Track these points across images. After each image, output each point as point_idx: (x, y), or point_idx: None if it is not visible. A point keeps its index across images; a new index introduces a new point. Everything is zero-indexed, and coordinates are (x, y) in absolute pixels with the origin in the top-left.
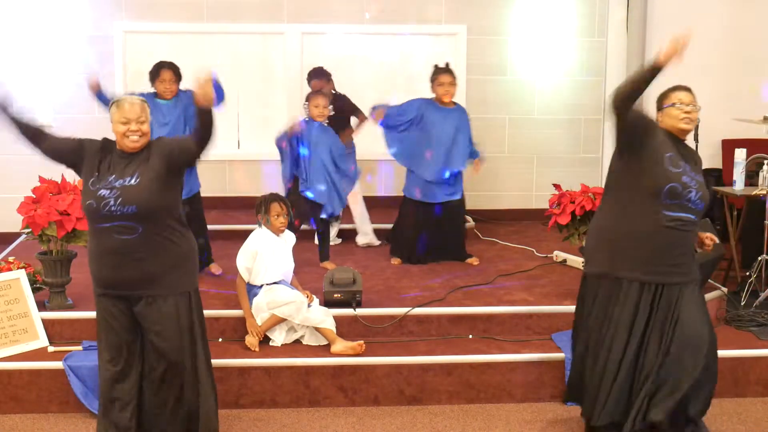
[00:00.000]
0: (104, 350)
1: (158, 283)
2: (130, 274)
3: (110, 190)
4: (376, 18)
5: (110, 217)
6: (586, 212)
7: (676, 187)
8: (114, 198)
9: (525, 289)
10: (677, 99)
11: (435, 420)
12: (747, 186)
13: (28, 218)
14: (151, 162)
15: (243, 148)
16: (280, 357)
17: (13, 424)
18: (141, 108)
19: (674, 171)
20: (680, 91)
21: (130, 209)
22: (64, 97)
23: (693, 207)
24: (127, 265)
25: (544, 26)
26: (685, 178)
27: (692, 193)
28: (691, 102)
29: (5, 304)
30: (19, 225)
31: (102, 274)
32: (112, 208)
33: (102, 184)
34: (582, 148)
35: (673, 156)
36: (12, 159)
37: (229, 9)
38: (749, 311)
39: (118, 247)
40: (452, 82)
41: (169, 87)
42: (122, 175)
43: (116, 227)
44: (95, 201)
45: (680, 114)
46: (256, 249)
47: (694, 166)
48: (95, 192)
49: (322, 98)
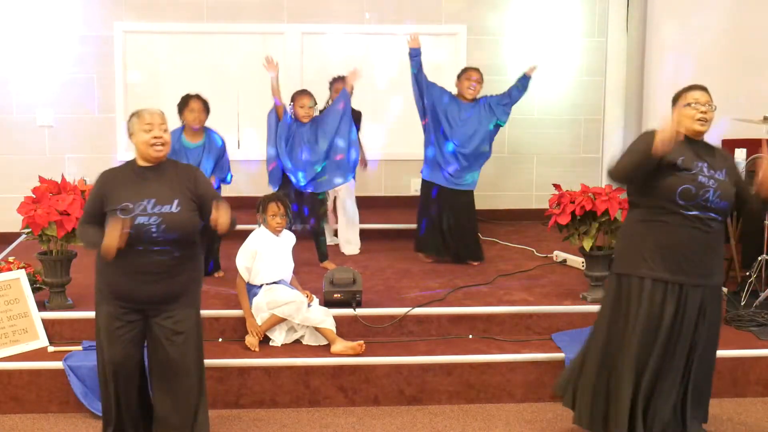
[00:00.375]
0: (108, 362)
1: (182, 298)
2: (160, 291)
3: (149, 216)
4: (376, 18)
5: (151, 242)
6: (586, 212)
7: (689, 189)
8: (156, 225)
9: (525, 289)
10: (693, 99)
11: (435, 420)
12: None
13: (28, 218)
14: (188, 190)
15: (243, 148)
16: (280, 357)
17: (13, 424)
18: (161, 116)
19: (686, 174)
20: (696, 90)
21: (172, 236)
22: (64, 97)
23: (713, 206)
24: (158, 283)
25: (544, 26)
26: (701, 178)
27: (709, 192)
28: (707, 102)
29: (5, 304)
30: (19, 225)
31: (128, 290)
32: (153, 234)
33: (137, 210)
34: (582, 148)
35: (686, 158)
36: (12, 159)
37: (229, 9)
38: (749, 311)
39: (154, 266)
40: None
41: (199, 116)
42: (160, 201)
43: (156, 250)
44: (134, 229)
45: (696, 114)
46: (256, 248)
47: (713, 163)
48: (132, 221)
49: (306, 98)
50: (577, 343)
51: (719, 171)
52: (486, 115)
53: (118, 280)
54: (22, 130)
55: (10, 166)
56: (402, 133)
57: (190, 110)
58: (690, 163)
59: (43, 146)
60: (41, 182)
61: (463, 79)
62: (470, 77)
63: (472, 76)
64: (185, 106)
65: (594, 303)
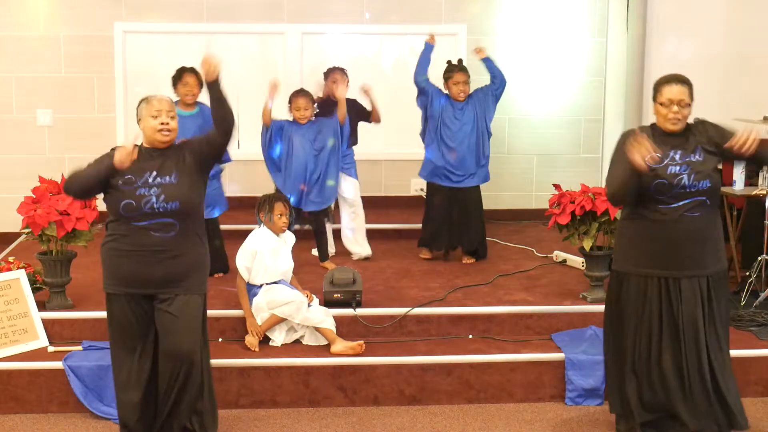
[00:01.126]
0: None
1: (185, 281)
2: (162, 272)
3: (149, 188)
4: (376, 18)
5: (151, 214)
6: (586, 212)
7: (662, 183)
8: (156, 195)
9: (525, 289)
10: (666, 98)
11: (435, 420)
12: (747, 186)
13: (28, 218)
14: (187, 161)
15: (243, 148)
16: (280, 357)
17: (13, 424)
18: (169, 103)
19: (658, 167)
20: (672, 85)
21: (173, 205)
22: (64, 97)
23: (694, 190)
24: (160, 263)
25: (544, 26)
26: (671, 168)
27: (683, 178)
28: (680, 101)
29: (5, 304)
30: (19, 225)
31: (131, 272)
32: (154, 205)
33: (138, 182)
34: (582, 148)
35: (658, 154)
36: (12, 159)
37: (229, 9)
38: (749, 311)
39: (155, 244)
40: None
41: (192, 90)
42: (161, 173)
43: (155, 225)
44: (134, 200)
45: (668, 114)
46: (256, 248)
47: (686, 145)
48: (132, 191)
49: (303, 99)
50: (577, 343)
51: (693, 153)
52: (480, 111)
53: (124, 264)
54: (22, 130)
55: (10, 166)
56: (402, 133)
57: (183, 84)
58: (662, 156)
59: (43, 146)
60: (41, 182)
61: (450, 84)
62: (457, 82)
63: (459, 80)
64: (179, 79)
65: (594, 303)
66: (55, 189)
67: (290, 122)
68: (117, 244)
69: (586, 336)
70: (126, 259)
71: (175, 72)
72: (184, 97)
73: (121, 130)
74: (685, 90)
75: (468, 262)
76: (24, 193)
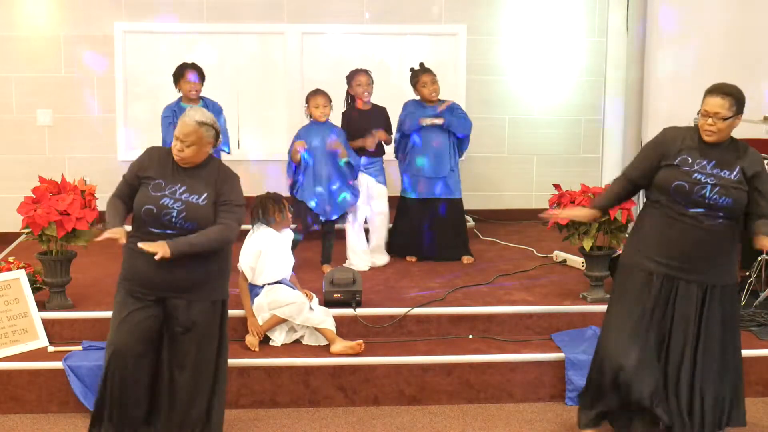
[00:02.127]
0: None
1: (198, 289)
2: (174, 278)
3: (174, 201)
4: (376, 18)
5: (167, 226)
6: None
7: (682, 185)
8: (177, 210)
9: (525, 289)
10: (704, 108)
11: (435, 420)
12: None
13: (28, 218)
14: (216, 188)
15: (243, 148)
16: (280, 357)
17: (13, 424)
18: (193, 130)
19: (684, 169)
20: (714, 96)
21: (190, 225)
22: (65, 97)
23: (713, 203)
24: (175, 270)
25: (543, 26)
26: (697, 175)
27: (706, 189)
28: (716, 113)
29: (5, 304)
30: (19, 225)
31: (145, 273)
32: (173, 219)
33: (166, 191)
34: (582, 148)
35: (688, 156)
36: (12, 159)
37: (229, 9)
38: (749, 311)
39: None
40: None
41: (195, 86)
42: (191, 191)
43: (170, 235)
44: (156, 207)
45: (704, 125)
46: (260, 248)
47: (723, 161)
48: (157, 198)
49: (321, 97)
50: (577, 343)
51: (727, 170)
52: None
53: (136, 263)
54: (22, 130)
55: (10, 166)
56: None
57: (185, 81)
58: (689, 160)
59: (43, 146)
60: (41, 182)
61: (420, 88)
62: (425, 83)
63: (426, 80)
64: (181, 76)
65: (594, 303)
66: (55, 189)
67: (308, 128)
68: (132, 243)
69: (586, 336)
70: (142, 260)
71: (176, 69)
72: (188, 93)
73: (121, 130)
74: (725, 103)
75: (468, 262)
76: (24, 193)
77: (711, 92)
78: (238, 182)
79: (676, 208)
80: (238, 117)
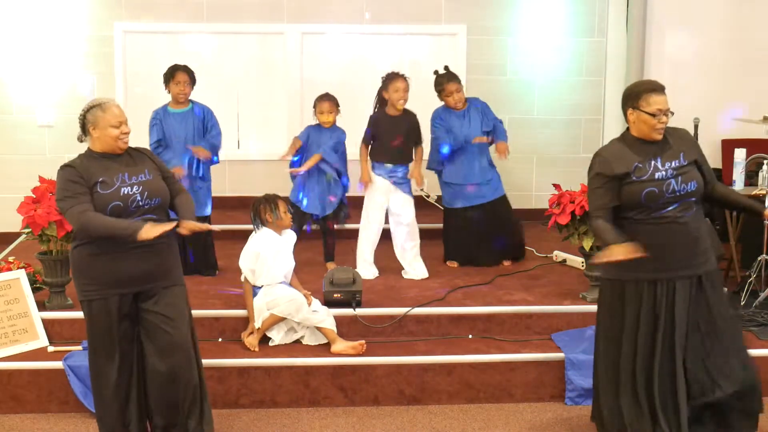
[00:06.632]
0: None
1: (171, 273)
2: (152, 267)
3: (131, 186)
4: (376, 18)
5: (139, 211)
6: (586, 212)
7: (652, 191)
8: (140, 193)
9: (525, 289)
10: (656, 108)
11: (435, 420)
12: (747, 186)
13: (28, 218)
14: (149, 163)
15: (243, 148)
16: (280, 357)
17: (13, 424)
18: (122, 110)
19: (645, 177)
20: (660, 94)
21: (156, 201)
22: (65, 96)
23: (683, 192)
24: (150, 258)
25: (544, 26)
26: (658, 174)
27: (672, 183)
28: (668, 110)
29: (5, 304)
30: (19, 225)
31: (123, 271)
32: (140, 202)
33: (117, 183)
34: (582, 148)
35: (638, 164)
36: (12, 159)
37: (229, 9)
38: (749, 311)
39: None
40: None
41: (184, 89)
42: (135, 172)
43: (146, 220)
44: (121, 200)
45: (656, 124)
46: (258, 250)
47: (667, 152)
48: (116, 192)
49: (327, 103)
50: (577, 343)
51: (675, 159)
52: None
53: (115, 265)
54: (22, 130)
55: (10, 166)
56: None
57: (175, 83)
58: (641, 167)
59: (43, 146)
60: (41, 182)
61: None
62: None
63: (452, 90)
64: (171, 77)
65: (594, 303)
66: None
67: (314, 128)
68: (93, 248)
69: (585, 336)
70: (121, 258)
71: (167, 70)
72: (177, 96)
73: None
74: (666, 97)
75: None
76: (24, 193)
77: (654, 90)
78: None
79: (650, 215)
80: (238, 117)
